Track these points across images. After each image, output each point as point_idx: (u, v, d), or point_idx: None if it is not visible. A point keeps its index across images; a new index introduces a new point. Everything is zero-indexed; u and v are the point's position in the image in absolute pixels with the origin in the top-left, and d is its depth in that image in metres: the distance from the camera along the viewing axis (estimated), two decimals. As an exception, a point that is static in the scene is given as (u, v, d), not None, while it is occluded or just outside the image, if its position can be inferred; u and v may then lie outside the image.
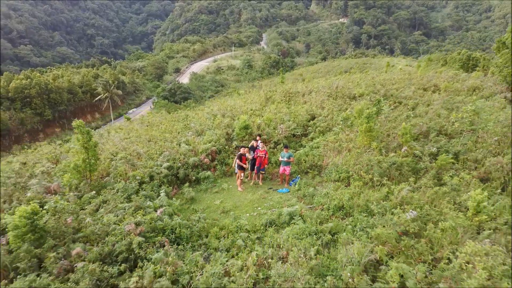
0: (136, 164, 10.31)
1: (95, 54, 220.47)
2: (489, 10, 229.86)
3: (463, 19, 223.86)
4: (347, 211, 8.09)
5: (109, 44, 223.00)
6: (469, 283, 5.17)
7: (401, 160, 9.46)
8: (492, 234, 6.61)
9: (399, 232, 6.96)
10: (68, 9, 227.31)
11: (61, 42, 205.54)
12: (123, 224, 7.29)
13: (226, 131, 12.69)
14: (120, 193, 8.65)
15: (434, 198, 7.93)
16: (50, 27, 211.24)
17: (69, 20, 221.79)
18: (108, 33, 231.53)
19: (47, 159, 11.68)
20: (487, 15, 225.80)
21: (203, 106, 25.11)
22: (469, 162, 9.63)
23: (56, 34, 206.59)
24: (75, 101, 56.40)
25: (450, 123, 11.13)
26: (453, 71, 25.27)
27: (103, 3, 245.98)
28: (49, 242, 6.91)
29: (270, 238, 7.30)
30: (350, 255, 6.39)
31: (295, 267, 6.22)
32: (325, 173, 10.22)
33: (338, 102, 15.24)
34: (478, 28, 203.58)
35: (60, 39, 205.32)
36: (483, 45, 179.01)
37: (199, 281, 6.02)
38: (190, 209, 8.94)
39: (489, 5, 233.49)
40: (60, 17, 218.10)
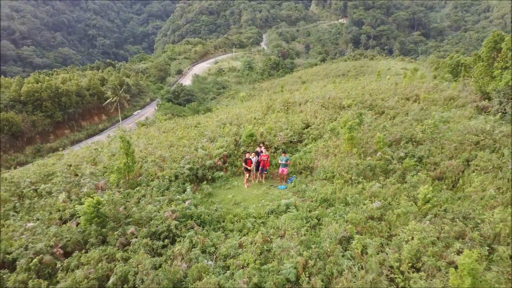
0: (162, 166, 12.82)
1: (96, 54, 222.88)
2: (488, 10, 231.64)
3: (462, 19, 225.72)
4: (330, 202, 10.62)
5: (110, 44, 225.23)
6: (406, 247, 7.70)
7: (375, 163, 11.98)
8: (432, 218, 9.14)
9: (367, 217, 9.50)
10: (69, 9, 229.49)
11: (63, 42, 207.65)
12: (162, 212, 9.83)
13: (235, 138, 15.21)
14: (155, 189, 11.18)
15: (396, 192, 10.47)
16: (52, 27, 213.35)
17: (70, 20, 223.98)
18: (109, 34, 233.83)
19: (87, 162, 14.18)
20: (486, 15, 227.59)
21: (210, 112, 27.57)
22: (429, 164, 12.16)
23: (58, 35, 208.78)
24: (83, 104, 58.88)
25: (418, 132, 13.64)
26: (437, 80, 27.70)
27: (104, 3, 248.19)
28: (110, 224, 9.45)
29: (272, 222, 9.83)
30: (329, 233, 8.92)
31: (290, 241, 8.74)
32: (315, 173, 12.74)
33: (329, 112, 17.77)
34: (477, 28, 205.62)
35: (62, 40, 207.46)
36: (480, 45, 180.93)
37: (221, 250, 8.55)
38: (209, 202, 11.47)
39: (488, 5, 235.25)
40: (61, 18, 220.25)
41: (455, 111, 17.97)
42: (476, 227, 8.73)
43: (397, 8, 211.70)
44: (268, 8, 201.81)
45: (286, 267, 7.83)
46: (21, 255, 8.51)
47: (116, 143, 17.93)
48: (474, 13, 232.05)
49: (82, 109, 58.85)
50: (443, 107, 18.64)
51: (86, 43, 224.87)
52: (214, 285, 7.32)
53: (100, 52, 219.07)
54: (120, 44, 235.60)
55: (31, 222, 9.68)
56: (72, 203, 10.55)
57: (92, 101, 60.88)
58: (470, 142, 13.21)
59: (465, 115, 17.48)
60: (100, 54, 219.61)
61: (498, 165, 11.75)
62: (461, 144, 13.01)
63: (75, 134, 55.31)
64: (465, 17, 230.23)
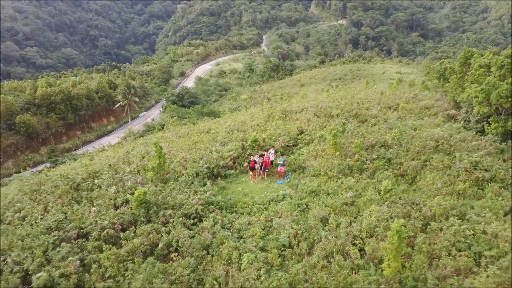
0: (185, 166, 16.24)
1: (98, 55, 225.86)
2: (486, 11, 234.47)
3: (460, 20, 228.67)
4: (316, 193, 14.06)
5: (112, 45, 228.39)
6: (365, 222, 11.14)
7: (352, 163, 15.42)
8: (389, 203, 12.58)
9: (342, 203, 12.94)
10: (71, 10, 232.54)
11: (65, 43, 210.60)
12: (190, 199, 13.28)
13: (241, 143, 18.61)
14: (183, 183, 14.63)
15: (366, 185, 13.92)
16: (54, 28, 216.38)
17: (72, 21, 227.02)
18: (111, 34, 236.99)
19: (123, 162, 17.61)
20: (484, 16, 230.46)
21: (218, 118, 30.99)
22: (395, 164, 15.61)
23: (60, 35, 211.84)
24: (92, 106, 62.28)
25: (390, 138, 17.06)
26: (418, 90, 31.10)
27: (106, 3, 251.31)
28: (153, 208, 12.90)
29: (272, 207, 13.28)
30: (314, 214, 12.36)
31: (285, 219, 12.18)
32: (306, 171, 16.16)
33: (320, 120, 21.17)
34: (474, 29, 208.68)
35: (64, 40, 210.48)
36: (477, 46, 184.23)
37: (236, 226, 11.99)
38: (224, 193, 14.91)
39: (486, 6, 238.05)
40: (63, 19, 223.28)
41: (427, 119, 21.40)
42: (420, 210, 12.18)
43: (396, 9, 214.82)
44: (268, 9, 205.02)
45: (282, 236, 11.30)
46: (92, 229, 11.96)
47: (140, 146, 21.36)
48: (472, 14, 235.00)
49: (91, 111, 62.25)
50: (418, 116, 22.06)
51: (88, 43, 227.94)
52: (232, 248, 10.76)
53: (102, 53, 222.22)
54: (122, 44, 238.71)
55: (94, 207, 13.13)
56: (121, 193, 13.99)
57: (101, 104, 64.29)
58: (430, 147, 16.66)
59: (435, 122, 20.93)
60: (102, 55, 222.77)
61: (448, 165, 15.21)
62: (422, 148, 16.46)
63: (86, 135, 58.71)
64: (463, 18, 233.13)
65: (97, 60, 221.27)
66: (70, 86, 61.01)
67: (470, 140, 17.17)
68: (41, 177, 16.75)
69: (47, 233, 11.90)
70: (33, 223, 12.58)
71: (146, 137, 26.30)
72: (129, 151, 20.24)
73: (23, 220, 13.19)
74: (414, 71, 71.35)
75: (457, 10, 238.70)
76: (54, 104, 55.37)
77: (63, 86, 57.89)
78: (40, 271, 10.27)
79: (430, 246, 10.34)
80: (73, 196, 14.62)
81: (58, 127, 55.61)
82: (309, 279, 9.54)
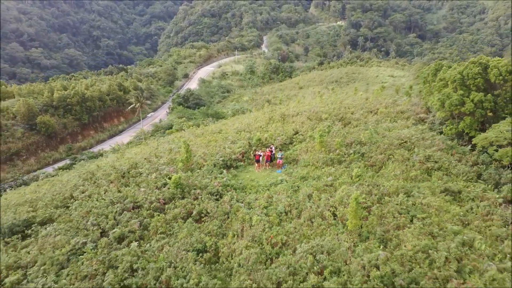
0: (205, 159, 21.08)
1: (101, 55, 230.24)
2: (483, 12, 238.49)
3: (458, 21, 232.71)
4: (305, 178, 18.91)
5: (114, 45, 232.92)
6: (338, 196, 16.00)
7: (334, 156, 20.28)
8: (358, 185, 17.43)
9: (323, 185, 17.80)
10: (74, 11, 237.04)
11: (69, 44, 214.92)
12: (212, 183, 18.15)
13: (248, 141, 23.44)
14: (205, 172, 19.50)
15: (342, 173, 18.79)
16: (58, 29, 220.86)
17: (75, 22, 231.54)
18: (113, 35, 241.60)
19: (155, 156, 22.46)
20: (481, 17, 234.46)
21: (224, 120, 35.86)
22: (367, 158, 20.47)
23: (63, 36, 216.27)
24: (104, 107, 67.13)
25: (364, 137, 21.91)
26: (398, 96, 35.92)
27: (108, 4, 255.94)
28: (186, 188, 17.77)
29: (272, 188, 18.14)
30: (303, 192, 17.22)
31: (282, 196, 17.04)
32: (299, 163, 21.00)
33: (312, 122, 25.95)
34: (471, 30, 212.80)
35: (67, 41, 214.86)
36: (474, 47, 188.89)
37: (246, 200, 16.87)
38: (236, 178, 19.74)
39: (483, 7, 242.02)
40: (67, 19, 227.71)
41: (400, 122, 26.27)
42: (379, 189, 17.03)
43: (394, 10, 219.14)
44: (269, 10, 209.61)
45: (280, 207, 16.16)
46: (144, 202, 16.83)
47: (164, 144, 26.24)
48: (470, 14, 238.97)
49: (103, 112, 67.10)
50: (393, 119, 26.91)
51: (91, 44, 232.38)
52: (244, 213, 15.62)
53: (104, 53, 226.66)
54: (124, 44, 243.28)
55: (142, 188, 18.00)
56: (160, 178, 18.86)
57: (112, 105, 69.14)
58: (396, 144, 21.52)
59: (406, 124, 25.79)
60: (104, 55, 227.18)
61: (407, 158, 20.06)
62: (390, 145, 21.33)
63: (99, 134, 63.58)
64: (461, 18, 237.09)
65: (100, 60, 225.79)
66: (84, 88, 65.81)
67: (428, 139, 22.04)
68: (92, 168, 21.64)
69: (111, 205, 16.79)
70: (99, 199, 17.46)
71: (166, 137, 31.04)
72: (156, 148, 25.10)
73: (89, 197, 18.07)
74: (406, 74, 75.96)
75: (455, 11, 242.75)
76: (70, 106, 60.21)
77: (77, 89, 62.73)
78: (113, 229, 15.14)
79: (381, 211, 15.22)
80: (122, 181, 19.50)
81: (74, 127, 60.48)
82: (298, 232, 14.41)
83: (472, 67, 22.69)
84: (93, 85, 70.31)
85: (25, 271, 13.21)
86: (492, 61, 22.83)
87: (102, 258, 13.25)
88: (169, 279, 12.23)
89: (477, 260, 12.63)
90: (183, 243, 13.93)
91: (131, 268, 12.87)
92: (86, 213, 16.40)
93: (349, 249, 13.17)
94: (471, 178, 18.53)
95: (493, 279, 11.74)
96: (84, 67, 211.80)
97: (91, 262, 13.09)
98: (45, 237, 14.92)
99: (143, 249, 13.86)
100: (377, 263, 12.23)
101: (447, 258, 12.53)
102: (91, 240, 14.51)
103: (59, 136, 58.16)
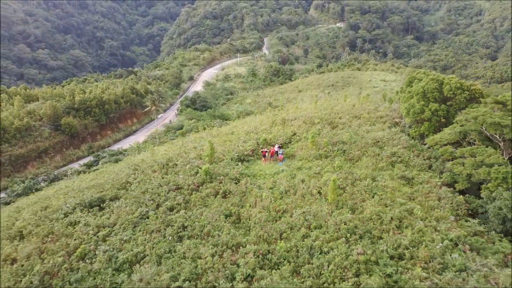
0: (224, 154, 27.80)
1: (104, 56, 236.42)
2: (480, 13, 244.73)
3: (455, 23, 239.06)
4: (300, 169, 25.68)
5: (117, 46, 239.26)
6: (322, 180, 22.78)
7: (322, 153, 27.03)
8: (338, 173, 24.18)
9: (313, 173, 24.58)
10: (78, 12, 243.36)
11: (73, 45, 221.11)
12: (231, 172, 24.95)
13: (256, 141, 30.16)
14: (226, 163, 26.24)
15: (327, 164, 25.57)
16: (62, 30, 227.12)
17: (79, 23, 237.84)
18: (116, 36, 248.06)
19: (184, 152, 29.17)
20: (478, 19, 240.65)
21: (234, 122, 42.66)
22: (347, 153, 27.23)
23: (68, 37, 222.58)
24: (119, 109, 73.87)
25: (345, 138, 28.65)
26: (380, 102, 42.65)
27: (111, 5, 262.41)
28: (213, 176, 24.57)
29: (275, 176, 24.93)
30: (298, 178, 23.99)
31: (283, 180, 23.81)
32: (295, 158, 27.74)
33: (307, 126, 32.61)
34: (468, 32, 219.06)
35: (72, 42, 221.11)
36: (469, 49, 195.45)
37: (257, 183, 23.66)
38: (248, 169, 26.49)
39: (480, 9, 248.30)
40: (71, 21, 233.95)
41: (378, 125, 33.02)
42: (353, 176, 23.76)
43: (392, 12, 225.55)
44: (269, 12, 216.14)
45: (281, 188, 22.93)
46: (183, 185, 23.59)
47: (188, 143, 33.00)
48: (467, 16, 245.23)
49: (119, 114, 73.84)
50: (373, 123, 33.66)
51: (95, 44, 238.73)
52: (256, 192, 22.39)
53: (108, 54, 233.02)
54: (127, 45, 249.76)
55: (181, 175, 24.76)
56: (193, 168, 25.61)
57: (126, 107, 75.89)
58: (371, 143, 28.28)
59: (382, 128, 32.53)
60: (108, 56, 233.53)
61: (377, 154, 26.81)
62: (366, 144, 28.09)
63: (116, 134, 70.32)
64: (458, 20, 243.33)
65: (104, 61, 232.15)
66: (100, 92, 72.53)
67: (395, 139, 28.79)
68: (137, 161, 28.43)
69: (160, 187, 23.53)
70: (149, 183, 24.20)
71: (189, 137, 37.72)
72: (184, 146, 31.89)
73: (140, 182, 24.81)
74: (398, 78, 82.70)
75: (452, 12, 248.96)
76: (89, 108, 66.92)
77: (96, 93, 69.46)
78: (165, 202, 21.88)
79: (353, 190, 21.98)
80: (163, 171, 26.24)
81: (93, 128, 67.23)
82: (294, 203, 21.17)
83: (431, 83, 29.41)
84: (108, 89, 77.01)
85: (110, 229, 19.94)
86: (446, 78, 29.54)
87: (162, 220, 20.03)
88: (209, 231, 19.00)
89: (413, 220, 19.40)
90: (215, 211, 20.69)
91: (183, 225, 19.64)
92: (142, 193, 23.16)
93: (328, 213, 19.93)
94: (423, 169, 25.32)
95: (420, 230, 18.49)
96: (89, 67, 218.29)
97: (155, 222, 19.86)
98: (118, 208, 21.69)
99: (188, 215, 20.60)
100: (346, 221, 18.96)
101: (392, 219, 19.30)
102: (151, 209, 21.27)
103: (81, 136, 64.88)
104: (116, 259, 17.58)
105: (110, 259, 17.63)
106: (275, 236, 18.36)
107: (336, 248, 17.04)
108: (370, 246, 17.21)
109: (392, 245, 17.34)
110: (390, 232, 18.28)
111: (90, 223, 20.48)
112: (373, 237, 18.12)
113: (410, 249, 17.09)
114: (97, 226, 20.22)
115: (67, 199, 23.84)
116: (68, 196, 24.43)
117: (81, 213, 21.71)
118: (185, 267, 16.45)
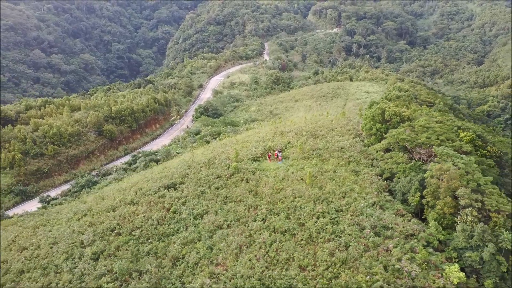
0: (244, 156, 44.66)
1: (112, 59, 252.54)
2: (471, 18, 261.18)
3: (447, 27, 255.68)
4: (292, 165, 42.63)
5: (124, 49, 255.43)
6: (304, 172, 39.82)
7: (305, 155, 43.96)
8: (314, 168, 41.15)
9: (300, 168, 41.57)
10: (86, 17, 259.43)
11: (83, 48, 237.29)
12: (250, 167, 42.02)
13: (263, 147, 47.01)
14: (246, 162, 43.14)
15: (308, 162, 42.61)
16: (71, 34, 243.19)
17: (87, 27, 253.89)
18: (122, 39, 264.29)
19: (217, 154, 45.96)
20: (469, 23, 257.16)
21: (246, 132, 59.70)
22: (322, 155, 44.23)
23: (78, 41, 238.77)
24: (145, 117, 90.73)
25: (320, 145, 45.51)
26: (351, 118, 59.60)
27: (117, 10, 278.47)
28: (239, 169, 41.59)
29: (276, 170, 41.94)
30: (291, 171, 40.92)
31: (281, 172, 40.80)
32: (289, 158, 44.59)
33: (297, 137, 49.39)
34: (458, 37, 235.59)
35: (81, 46, 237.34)
36: (458, 54, 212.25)
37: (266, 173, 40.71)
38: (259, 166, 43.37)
39: (471, 14, 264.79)
40: (80, 25, 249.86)
41: (346, 136, 50.00)
42: (322, 169, 40.72)
43: (386, 18, 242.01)
44: (269, 18, 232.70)
45: (280, 176, 39.94)
46: (222, 174, 40.58)
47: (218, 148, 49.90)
48: (459, 21, 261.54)
49: (145, 120, 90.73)
50: (343, 134, 50.61)
51: (102, 48, 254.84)
52: (266, 179, 39.38)
53: (115, 57, 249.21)
54: (133, 48, 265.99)
55: (219, 169, 41.75)
56: (227, 165, 42.61)
57: (150, 115, 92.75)
58: (337, 149, 45.28)
59: (349, 138, 49.45)
60: (115, 59, 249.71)
61: (340, 156, 43.82)
62: (334, 150, 45.11)
63: (144, 138, 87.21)
64: (450, 24, 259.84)
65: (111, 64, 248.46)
66: (130, 102, 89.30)
67: (354, 146, 45.71)
68: (187, 160, 45.35)
69: (210, 175, 40.47)
70: (201, 173, 41.13)
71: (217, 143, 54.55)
72: (214, 150, 48.74)
73: (194, 174, 41.71)
74: (380, 89, 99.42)
75: (444, 17, 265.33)
76: (124, 117, 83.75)
77: (128, 104, 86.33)
78: (214, 184, 38.85)
79: (321, 177, 38.98)
80: (207, 166, 43.11)
81: (126, 133, 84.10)
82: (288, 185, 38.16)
83: (377, 110, 46.32)
84: (135, 99, 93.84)
85: (185, 199, 36.85)
86: (388, 106, 46.39)
87: (213, 194, 37.01)
88: (241, 199, 35.97)
89: (352, 194, 36.40)
90: (242, 189, 37.60)
91: (226, 196, 36.65)
92: (198, 179, 40.04)
93: (306, 190, 36.85)
94: (367, 165, 42.25)
95: (354, 199, 35.51)
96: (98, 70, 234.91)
97: (210, 195, 36.81)
98: (186, 187, 38.60)
99: (227, 191, 37.50)
100: (316, 194, 35.82)
101: (341, 193, 36.30)
102: (206, 188, 38.20)
103: (118, 139, 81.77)
104: (193, 212, 34.57)
105: (189, 213, 34.61)
106: (276, 201, 35.35)
107: (308, 206, 34.04)
108: (326, 206, 34.19)
109: (338, 205, 34.34)
110: (338, 199, 35.30)
111: (172, 196, 37.44)
112: (328, 202, 35.13)
113: (346, 206, 34.13)
114: (177, 197, 37.19)
115: (152, 183, 40.74)
116: (151, 182, 41.33)
117: (164, 191, 38.64)
118: (230, 216, 33.47)
